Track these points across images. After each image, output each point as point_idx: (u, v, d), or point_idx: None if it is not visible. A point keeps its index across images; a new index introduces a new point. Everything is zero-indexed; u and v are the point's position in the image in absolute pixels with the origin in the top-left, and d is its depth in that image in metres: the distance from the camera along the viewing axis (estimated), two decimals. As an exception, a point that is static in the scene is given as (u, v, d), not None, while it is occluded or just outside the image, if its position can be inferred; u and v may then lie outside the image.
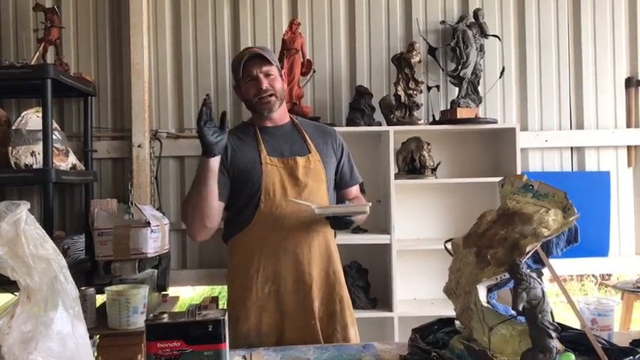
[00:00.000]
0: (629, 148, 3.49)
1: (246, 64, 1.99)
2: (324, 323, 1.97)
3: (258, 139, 2.03)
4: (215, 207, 1.91)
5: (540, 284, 1.26)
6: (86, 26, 3.40)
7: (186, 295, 6.45)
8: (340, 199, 2.12)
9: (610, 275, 4.98)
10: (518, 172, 3.08)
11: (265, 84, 1.99)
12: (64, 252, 2.96)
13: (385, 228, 3.18)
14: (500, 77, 3.37)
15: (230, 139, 2.02)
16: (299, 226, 1.94)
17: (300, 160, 1.99)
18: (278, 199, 1.93)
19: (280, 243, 1.94)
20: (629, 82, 3.49)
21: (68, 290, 1.37)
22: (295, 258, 1.94)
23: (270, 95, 2.00)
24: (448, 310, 1.57)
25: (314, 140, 2.07)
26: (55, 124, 2.91)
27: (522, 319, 1.33)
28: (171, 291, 3.48)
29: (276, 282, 1.94)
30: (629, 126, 3.48)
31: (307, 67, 3.20)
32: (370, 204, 1.95)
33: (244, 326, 1.93)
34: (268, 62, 2.00)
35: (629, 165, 3.49)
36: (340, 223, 1.91)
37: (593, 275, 6.23)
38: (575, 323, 1.57)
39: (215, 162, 1.84)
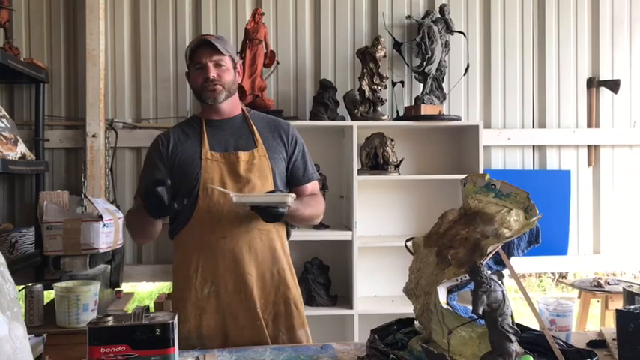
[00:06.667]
0: (589, 147, 3.53)
1: (196, 51, 1.91)
2: (269, 324, 1.90)
3: (202, 133, 1.94)
4: (158, 230, 1.95)
5: (501, 287, 1.23)
6: (39, 9, 3.25)
7: (146, 289, 6.33)
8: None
9: (567, 273, 5.08)
10: (481, 170, 3.08)
11: (212, 73, 1.90)
12: (12, 245, 2.83)
13: (347, 224, 3.15)
14: (464, 74, 3.36)
15: (175, 133, 1.98)
16: (238, 225, 1.85)
17: (243, 156, 1.91)
18: (217, 196, 1.85)
19: (218, 242, 1.86)
20: (590, 83, 3.53)
21: (6, 290, 1.29)
22: (234, 257, 1.86)
23: (216, 85, 1.91)
24: (409, 308, 1.55)
25: (263, 135, 1.98)
26: (3, 111, 2.77)
27: (482, 321, 1.31)
28: (128, 286, 3.38)
29: (215, 282, 1.86)
30: (589, 126, 3.52)
31: (270, 58, 3.13)
32: (294, 195, 1.82)
33: (184, 327, 1.85)
34: (220, 52, 1.91)
35: (589, 164, 3.54)
36: (266, 215, 1.79)
37: (551, 272, 6.35)
38: (533, 321, 1.57)
39: None
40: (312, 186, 2.07)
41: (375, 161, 3.14)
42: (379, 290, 3.31)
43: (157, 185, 1.72)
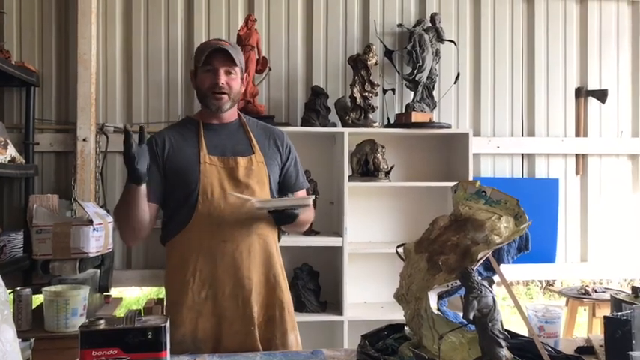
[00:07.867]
0: (577, 156, 3.58)
1: (211, 54, 1.91)
2: (262, 329, 1.90)
3: (199, 137, 1.94)
4: (146, 220, 1.86)
5: (491, 292, 1.24)
6: (30, 12, 3.23)
7: (133, 294, 6.29)
8: None
9: (554, 281, 5.11)
10: (470, 178, 3.11)
11: (222, 80, 1.91)
12: (0, 249, 2.80)
13: (337, 230, 3.15)
14: (455, 82, 3.39)
15: (170, 135, 1.96)
16: (239, 228, 1.86)
17: (242, 161, 1.91)
18: (217, 200, 1.85)
19: (218, 246, 1.85)
20: (578, 92, 3.57)
21: (-4, 293, 1.28)
22: (233, 262, 1.86)
23: (224, 93, 1.92)
24: (398, 314, 1.55)
25: (259, 141, 1.99)
26: (-7, 114, 2.77)
27: (472, 326, 1.32)
28: (116, 291, 3.36)
29: (213, 286, 1.86)
30: (577, 135, 3.57)
31: (262, 64, 3.15)
32: (313, 197, 1.93)
33: (179, 332, 1.83)
34: (233, 62, 1.92)
35: (576, 173, 3.58)
36: (283, 217, 1.84)
37: (538, 280, 6.39)
38: (520, 328, 1.58)
39: (144, 187, 1.80)
40: (302, 194, 2.09)
41: (366, 168, 3.15)
42: (369, 296, 3.31)
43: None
